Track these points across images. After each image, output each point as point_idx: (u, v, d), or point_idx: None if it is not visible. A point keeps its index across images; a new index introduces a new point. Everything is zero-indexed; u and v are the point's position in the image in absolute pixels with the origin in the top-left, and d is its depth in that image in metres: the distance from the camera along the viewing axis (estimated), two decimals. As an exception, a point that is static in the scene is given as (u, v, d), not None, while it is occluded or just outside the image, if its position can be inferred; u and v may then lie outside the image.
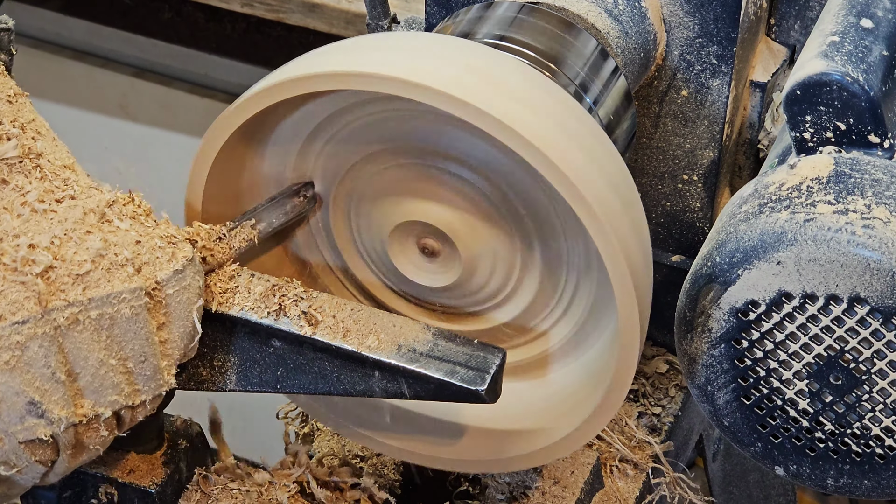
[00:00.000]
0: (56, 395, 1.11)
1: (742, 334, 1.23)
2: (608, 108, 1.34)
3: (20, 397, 1.10)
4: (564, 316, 1.30)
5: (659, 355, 1.58)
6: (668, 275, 1.51)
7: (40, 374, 1.10)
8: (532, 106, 1.15)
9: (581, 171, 1.13)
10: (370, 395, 1.21)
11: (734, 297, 1.21)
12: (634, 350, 1.18)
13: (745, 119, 1.49)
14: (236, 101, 1.20)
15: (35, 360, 1.09)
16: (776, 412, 1.25)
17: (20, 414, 1.10)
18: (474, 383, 1.17)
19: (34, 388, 1.10)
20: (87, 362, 1.11)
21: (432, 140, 1.24)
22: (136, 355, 1.13)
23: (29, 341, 1.09)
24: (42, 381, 1.10)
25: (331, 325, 1.19)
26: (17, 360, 1.09)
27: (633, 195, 1.20)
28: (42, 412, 1.11)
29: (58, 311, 1.09)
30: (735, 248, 1.21)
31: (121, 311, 1.11)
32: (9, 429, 1.11)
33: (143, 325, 1.13)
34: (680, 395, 1.54)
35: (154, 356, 1.14)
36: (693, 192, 1.49)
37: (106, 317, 1.11)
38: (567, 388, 1.31)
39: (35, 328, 1.09)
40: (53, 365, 1.10)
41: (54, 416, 1.11)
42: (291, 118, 1.26)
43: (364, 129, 1.26)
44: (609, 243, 1.14)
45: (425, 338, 1.20)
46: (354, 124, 1.26)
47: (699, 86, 1.43)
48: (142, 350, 1.14)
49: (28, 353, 1.09)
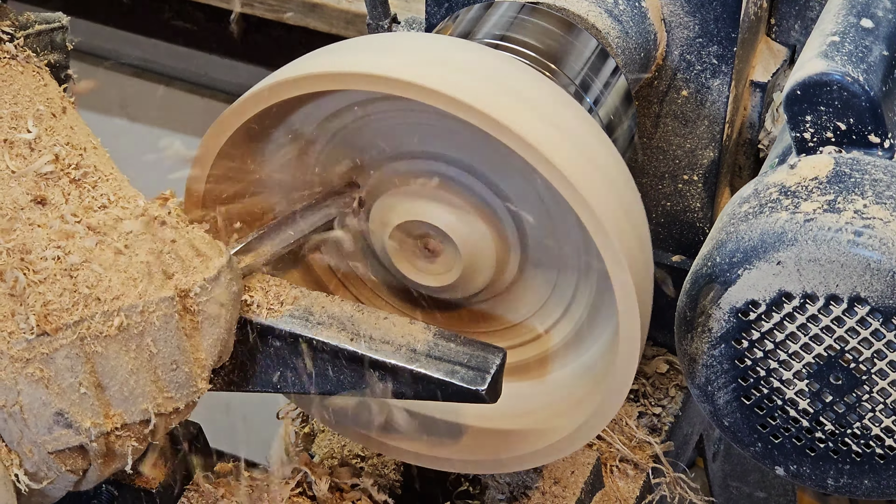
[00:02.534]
0: (84, 405, 1.10)
1: (742, 334, 1.22)
2: (608, 108, 1.34)
3: (47, 408, 1.09)
4: (564, 316, 1.30)
5: (659, 355, 1.58)
6: (668, 275, 1.50)
7: (68, 385, 1.08)
8: (532, 106, 1.15)
9: (581, 172, 1.13)
10: (370, 395, 1.21)
11: (734, 297, 1.21)
12: (635, 350, 1.18)
13: (746, 119, 1.49)
14: (238, 100, 1.20)
15: (62, 372, 1.08)
16: (776, 412, 1.25)
17: (48, 424, 1.09)
18: (474, 383, 1.17)
19: (61, 398, 1.09)
20: (116, 373, 1.10)
21: (433, 140, 1.24)
22: (167, 364, 1.12)
23: (55, 352, 1.08)
24: (70, 392, 1.09)
25: (330, 325, 1.19)
26: (44, 372, 1.08)
27: (633, 195, 1.20)
28: (70, 422, 1.10)
29: (85, 322, 1.08)
30: (735, 247, 1.21)
31: (151, 320, 1.10)
32: (37, 439, 1.10)
33: (175, 334, 1.11)
34: (680, 395, 1.55)
35: (186, 363, 1.13)
36: (693, 192, 1.50)
37: (135, 326, 1.09)
38: (567, 388, 1.31)
39: (62, 339, 1.07)
40: (81, 376, 1.08)
41: (83, 426, 1.10)
42: (293, 118, 1.26)
43: (365, 129, 1.26)
44: (609, 244, 1.13)
45: (425, 338, 1.20)
46: (356, 125, 1.26)
47: (699, 86, 1.43)
48: (173, 358, 1.12)
49: (54, 364, 1.08)
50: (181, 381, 1.13)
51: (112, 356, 1.09)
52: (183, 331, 1.12)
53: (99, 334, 1.08)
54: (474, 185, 1.25)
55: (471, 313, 1.34)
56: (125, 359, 1.10)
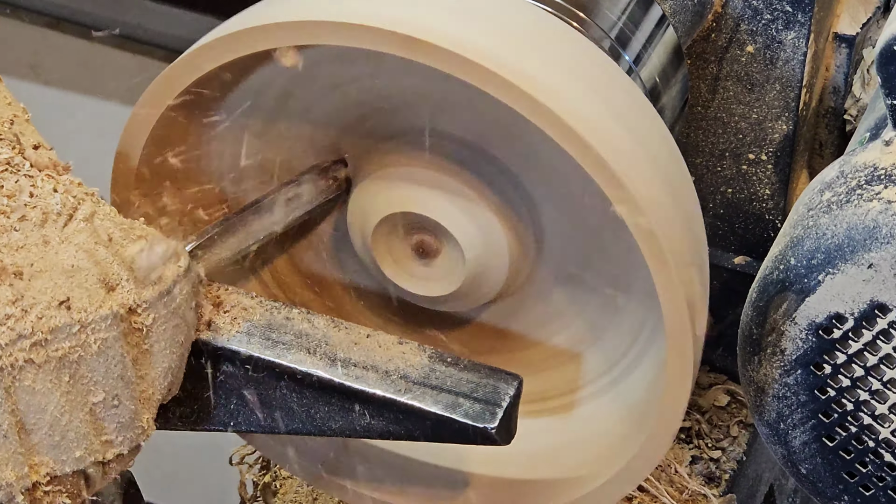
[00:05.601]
0: (5, 453, 1.09)
1: (824, 357, 1.23)
2: (653, 69, 1.34)
3: None
4: (595, 334, 1.31)
5: (717, 384, 1.59)
6: (729, 281, 1.52)
7: None
8: (556, 65, 1.15)
9: (619, 151, 1.13)
10: (350, 434, 1.20)
11: (814, 309, 1.22)
12: (686, 378, 1.18)
13: (828, 83, 1.50)
14: (182, 57, 1.20)
15: None
16: (867, 456, 1.26)
17: None
18: (482, 419, 1.17)
19: None
20: (45, 411, 1.09)
21: (425, 110, 1.24)
22: (107, 399, 1.11)
23: None
24: None
25: (297, 346, 1.19)
26: None
27: (684, 181, 1.20)
28: None
29: (5, 349, 1.06)
30: (815, 246, 1.21)
31: (87, 344, 1.09)
32: None
33: (117, 361, 1.11)
34: (744, 435, 1.55)
35: (130, 399, 1.13)
36: (761, 175, 1.50)
37: (68, 353, 1.08)
38: (601, 426, 1.31)
39: None
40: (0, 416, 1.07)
41: (2, 479, 1.09)
42: (247, 82, 1.26)
43: (341, 96, 1.26)
44: (654, 243, 1.13)
45: (419, 361, 1.20)
46: (328, 92, 1.26)
47: (769, 40, 1.44)
48: (114, 392, 1.11)
49: None
50: (124, 420, 1.13)
51: (40, 391, 1.09)
52: (127, 357, 1.11)
53: (23, 362, 1.07)
54: (480, 167, 1.25)
55: (479, 330, 1.35)
56: (56, 394, 1.09)
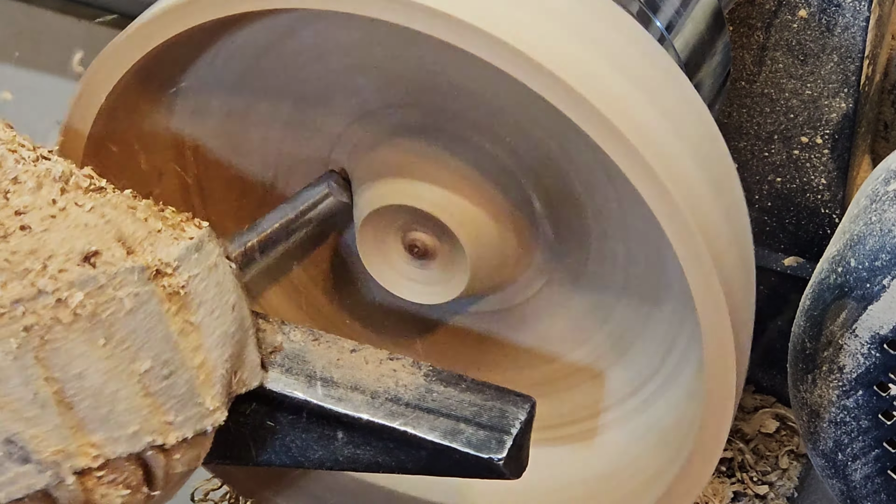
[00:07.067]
0: (45, 427, 1.09)
1: (889, 375, 1.24)
2: (688, 37, 1.34)
3: None
4: (621, 349, 1.31)
5: (765, 407, 1.61)
6: (778, 286, 1.54)
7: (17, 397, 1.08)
8: (577, 33, 1.15)
9: (651, 134, 1.13)
10: (332, 466, 1.21)
11: (877, 319, 1.23)
12: (727, 400, 1.18)
13: (894, 53, 1.51)
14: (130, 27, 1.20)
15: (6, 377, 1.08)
16: (941, 493, 1.27)
17: None
18: (487, 449, 1.17)
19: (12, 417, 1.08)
20: (84, 378, 1.10)
21: (423, 88, 1.24)
22: (155, 367, 1.12)
23: None
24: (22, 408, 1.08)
25: (270, 362, 1.19)
26: None
27: (726, 169, 1.20)
28: (27, 453, 1.09)
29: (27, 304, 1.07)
30: (879, 245, 1.22)
31: (118, 299, 1.10)
32: None
33: (157, 321, 1.11)
34: (796, 468, 1.56)
35: (184, 369, 1.12)
36: (815, 161, 1.51)
37: (97, 310, 1.09)
38: (628, 456, 1.32)
39: None
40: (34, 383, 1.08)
41: (44, 456, 1.09)
42: (210, 52, 1.27)
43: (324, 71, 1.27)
44: (691, 242, 1.13)
45: (414, 380, 1.20)
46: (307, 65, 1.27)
47: (825, 2, 1.45)
48: (162, 358, 1.12)
49: None
50: (180, 394, 1.13)
51: (74, 354, 1.09)
52: (170, 321, 1.12)
53: (49, 320, 1.08)
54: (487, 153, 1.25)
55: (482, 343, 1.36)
56: (92, 359, 1.09)
